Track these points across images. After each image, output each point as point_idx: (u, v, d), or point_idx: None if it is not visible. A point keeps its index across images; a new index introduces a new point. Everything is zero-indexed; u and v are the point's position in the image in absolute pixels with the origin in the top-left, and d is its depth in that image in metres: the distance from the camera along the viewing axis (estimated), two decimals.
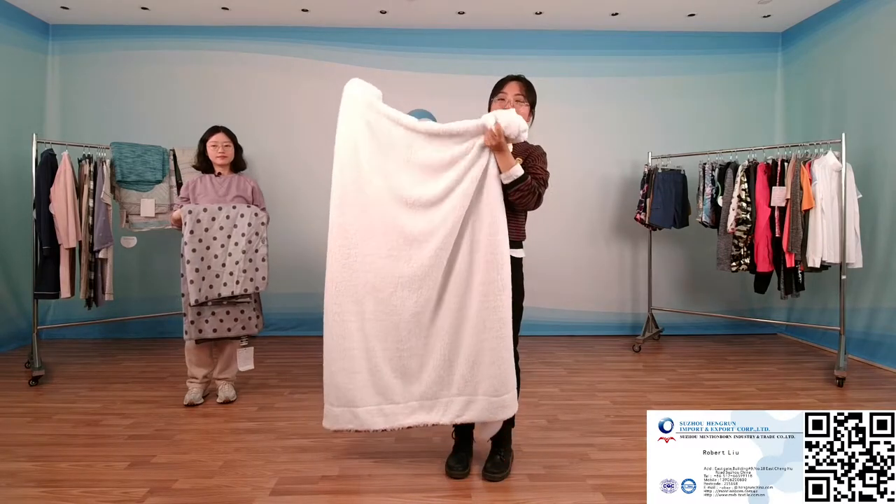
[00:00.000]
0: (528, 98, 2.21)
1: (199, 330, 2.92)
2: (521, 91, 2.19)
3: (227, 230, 2.95)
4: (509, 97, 2.19)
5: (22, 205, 4.21)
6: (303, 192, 4.88)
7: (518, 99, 2.19)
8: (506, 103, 2.18)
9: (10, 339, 4.33)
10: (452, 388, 2.12)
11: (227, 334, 2.98)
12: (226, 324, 2.97)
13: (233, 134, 3.16)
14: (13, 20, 4.43)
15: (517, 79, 2.22)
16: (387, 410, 2.15)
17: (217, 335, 2.96)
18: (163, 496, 2.09)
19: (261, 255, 3.01)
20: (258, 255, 3.00)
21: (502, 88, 2.22)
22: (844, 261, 3.57)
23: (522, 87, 2.20)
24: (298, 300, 4.91)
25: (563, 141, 4.93)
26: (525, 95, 2.20)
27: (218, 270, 2.92)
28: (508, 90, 2.20)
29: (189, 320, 2.92)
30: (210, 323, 2.94)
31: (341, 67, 4.93)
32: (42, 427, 2.77)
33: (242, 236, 2.97)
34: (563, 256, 4.95)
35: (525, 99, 2.20)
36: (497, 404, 2.07)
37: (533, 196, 2.10)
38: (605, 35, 4.99)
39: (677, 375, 3.74)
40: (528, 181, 2.07)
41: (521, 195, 2.08)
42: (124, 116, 4.78)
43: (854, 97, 4.21)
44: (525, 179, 2.07)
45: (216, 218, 2.94)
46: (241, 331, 3.00)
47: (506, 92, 2.20)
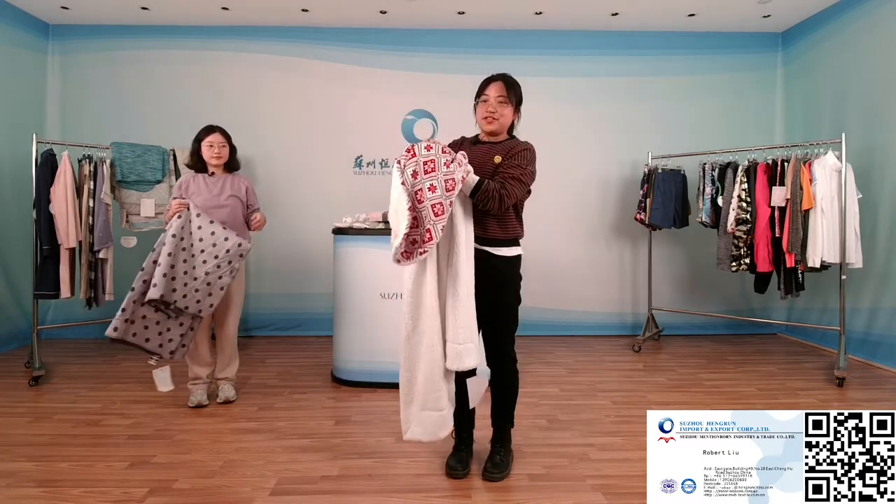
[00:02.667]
0: (511, 98, 2.18)
1: (134, 333, 2.76)
2: (503, 91, 2.17)
3: (206, 249, 2.86)
4: (491, 99, 2.17)
5: (22, 205, 4.21)
6: (302, 192, 4.89)
7: (500, 100, 2.17)
8: (488, 104, 2.17)
9: (10, 339, 4.33)
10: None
11: (144, 344, 2.79)
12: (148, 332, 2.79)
13: (228, 134, 3.14)
14: (13, 20, 4.43)
15: (499, 78, 2.20)
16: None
17: (135, 341, 2.77)
18: (163, 496, 2.09)
19: (220, 285, 2.89)
20: (218, 283, 2.88)
21: (485, 90, 2.20)
22: (844, 261, 3.57)
23: (504, 87, 2.18)
24: (298, 300, 4.91)
25: (564, 141, 4.93)
26: (507, 96, 2.17)
27: (185, 280, 2.79)
28: (490, 91, 2.18)
29: (125, 317, 2.72)
30: (136, 324, 2.76)
31: (341, 67, 4.94)
32: (42, 427, 2.77)
33: (215, 259, 2.87)
34: (563, 256, 4.95)
35: (507, 99, 2.17)
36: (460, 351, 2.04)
37: (494, 201, 2.06)
38: (605, 35, 4.99)
39: (677, 375, 3.74)
40: (485, 188, 2.05)
41: (481, 203, 2.07)
42: (124, 116, 4.78)
43: (854, 97, 4.21)
44: (481, 187, 2.04)
45: (203, 238, 2.85)
46: (156, 347, 2.81)
47: (488, 93, 2.18)
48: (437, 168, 2.00)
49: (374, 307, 3.38)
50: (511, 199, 2.10)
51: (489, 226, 2.15)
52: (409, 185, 2.00)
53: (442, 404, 2.09)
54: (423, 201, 1.98)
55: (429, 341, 2.05)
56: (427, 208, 1.97)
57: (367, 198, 4.62)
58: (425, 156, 2.01)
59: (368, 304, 3.39)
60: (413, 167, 2.01)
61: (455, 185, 1.98)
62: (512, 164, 2.13)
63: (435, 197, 1.97)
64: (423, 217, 1.98)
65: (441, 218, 1.96)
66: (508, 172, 2.11)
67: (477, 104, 2.24)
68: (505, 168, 2.12)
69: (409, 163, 2.01)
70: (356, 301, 3.43)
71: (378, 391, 3.32)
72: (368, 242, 3.41)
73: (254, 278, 4.84)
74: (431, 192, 1.97)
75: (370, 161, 4.94)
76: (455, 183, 1.99)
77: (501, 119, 2.18)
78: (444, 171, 2.00)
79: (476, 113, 2.25)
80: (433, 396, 2.07)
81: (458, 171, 2.01)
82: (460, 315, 2.04)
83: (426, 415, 2.09)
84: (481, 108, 2.20)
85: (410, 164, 2.01)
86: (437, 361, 2.05)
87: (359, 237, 3.44)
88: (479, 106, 2.22)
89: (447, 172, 1.99)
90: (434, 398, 2.07)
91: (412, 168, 2.01)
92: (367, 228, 3.46)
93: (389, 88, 4.96)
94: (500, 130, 2.22)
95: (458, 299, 2.04)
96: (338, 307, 3.54)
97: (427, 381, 2.07)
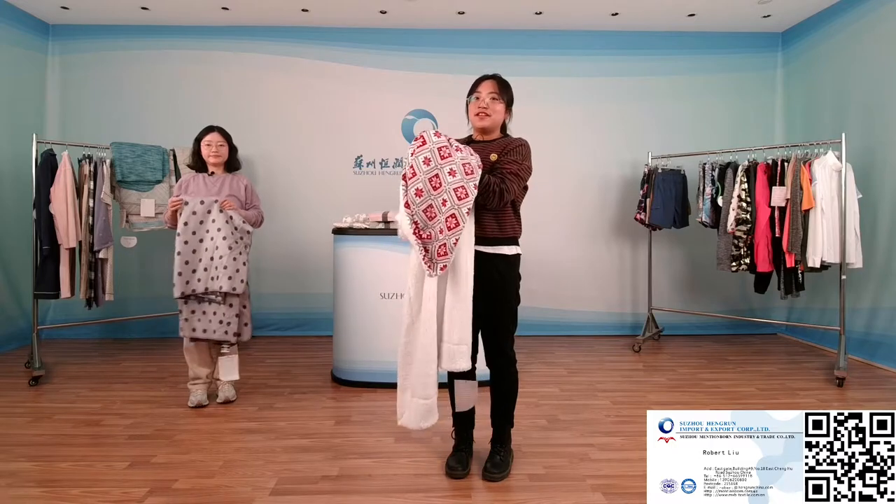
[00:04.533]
0: (503, 96, 2.21)
1: (193, 328, 2.95)
2: (496, 89, 2.19)
3: (219, 224, 2.95)
4: (483, 95, 2.19)
5: (22, 205, 4.21)
6: (302, 192, 4.89)
7: (493, 97, 2.18)
8: (480, 101, 2.18)
9: (10, 339, 4.33)
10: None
11: (212, 336, 2.96)
12: (209, 324, 2.97)
13: (227, 134, 3.16)
14: (13, 20, 4.43)
15: (491, 77, 2.22)
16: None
17: (206, 336, 2.97)
18: (163, 496, 2.09)
19: (242, 259, 3.01)
20: (241, 258, 3.00)
21: (477, 88, 2.22)
22: (844, 261, 3.57)
23: (497, 84, 2.20)
24: (298, 300, 4.91)
25: (564, 141, 4.93)
26: (500, 93, 2.19)
27: (206, 265, 2.93)
28: (483, 89, 2.20)
29: (184, 318, 2.94)
30: (201, 322, 2.96)
31: (341, 67, 4.94)
32: (42, 427, 2.77)
33: (232, 234, 2.98)
34: (563, 256, 4.95)
35: (500, 97, 2.19)
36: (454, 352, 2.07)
37: (494, 195, 2.07)
38: (604, 35, 4.99)
39: (677, 375, 3.74)
40: (486, 182, 2.05)
41: (483, 196, 2.07)
42: (124, 116, 4.78)
43: (854, 97, 4.21)
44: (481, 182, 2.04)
45: (211, 211, 2.95)
46: (223, 336, 2.97)
47: (480, 91, 2.20)
48: (453, 154, 2.01)
49: (374, 307, 3.38)
50: (510, 195, 2.11)
51: (487, 225, 2.15)
52: (423, 172, 2.00)
53: (429, 392, 2.12)
54: (439, 187, 1.98)
55: (425, 335, 2.08)
56: (449, 192, 1.97)
57: (367, 198, 4.62)
58: (437, 142, 2.02)
59: (368, 304, 3.39)
60: (425, 154, 2.01)
61: (474, 170, 2.00)
62: (508, 159, 2.14)
63: (455, 181, 1.98)
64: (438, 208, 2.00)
65: (465, 201, 1.97)
66: (506, 168, 2.12)
67: (469, 102, 2.25)
68: (502, 164, 2.13)
69: (421, 150, 2.02)
70: (356, 301, 3.43)
71: (378, 391, 3.32)
72: (368, 242, 3.41)
73: (254, 278, 4.82)
74: (451, 177, 1.98)
75: (370, 161, 4.94)
76: (473, 168, 2.00)
77: (493, 115, 2.19)
78: (461, 155, 2.01)
79: (468, 111, 2.26)
80: (422, 384, 2.11)
81: (472, 158, 2.03)
82: (456, 316, 2.05)
83: (415, 402, 2.14)
84: (473, 105, 2.22)
85: (422, 151, 2.02)
86: (431, 355, 2.08)
87: (359, 237, 3.44)
88: (472, 103, 2.23)
89: (463, 157, 2.01)
90: (422, 385, 2.11)
91: (424, 155, 2.01)
92: (367, 228, 3.46)
93: (389, 88, 4.96)
94: (492, 127, 2.22)
95: (458, 299, 2.05)
96: (338, 307, 3.54)
97: (420, 372, 2.11)
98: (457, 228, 1.99)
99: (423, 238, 2.04)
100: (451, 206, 1.98)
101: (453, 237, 2.00)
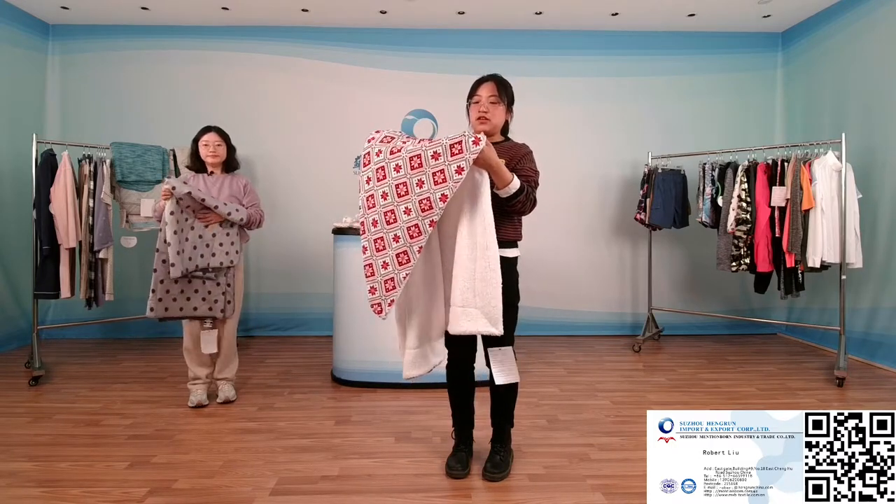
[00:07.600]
0: (503, 97, 2.19)
1: (166, 308, 2.87)
2: (495, 91, 2.18)
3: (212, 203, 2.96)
4: (483, 99, 2.18)
5: (22, 205, 4.21)
6: (302, 192, 4.88)
7: (492, 100, 2.17)
8: (480, 105, 2.17)
9: (10, 339, 4.33)
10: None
11: (193, 313, 2.94)
12: (192, 302, 2.94)
13: (225, 133, 3.15)
14: (13, 20, 4.43)
15: (491, 79, 2.21)
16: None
17: (183, 314, 2.92)
18: (163, 496, 2.09)
19: (235, 231, 3.03)
20: (233, 231, 3.02)
21: (476, 90, 2.20)
22: (844, 261, 3.57)
23: (496, 86, 2.18)
24: (298, 300, 4.91)
25: (563, 141, 4.93)
26: (499, 95, 2.18)
27: (206, 241, 2.94)
28: (482, 91, 2.18)
29: (157, 297, 2.84)
30: (178, 301, 2.91)
31: (341, 67, 4.94)
32: (42, 427, 2.77)
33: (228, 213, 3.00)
34: (562, 256, 4.95)
35: (499, 99, 2.18)
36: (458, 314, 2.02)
37: (529, 203, 2.10)
38: (604, 35, 4.99)
39: (677, 375, 3.74)
40: (525, 192, 2.06)
41: (521, 205, 2.08)
42: (124, 116, 4.78)
43: (854, 97, 4.21)
44: (523, 192, 2.06)
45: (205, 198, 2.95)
46: (207, 311, 2.96)
47: (480, 94, 2.19)
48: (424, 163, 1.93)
49: None
50: (535, 203, 2.16)
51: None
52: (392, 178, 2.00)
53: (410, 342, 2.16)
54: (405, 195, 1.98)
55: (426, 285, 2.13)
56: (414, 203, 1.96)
57: None
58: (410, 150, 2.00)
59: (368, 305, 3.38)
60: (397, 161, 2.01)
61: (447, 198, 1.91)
62: (525, 167, 2.15)
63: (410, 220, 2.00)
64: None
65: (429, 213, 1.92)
66: (529, 176, 2.13)
67: (469, 105, 2.24)
68: (519, 172, 2.12)
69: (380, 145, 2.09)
70: (356, 301, 3.42)
71: (378, 391, 3.33)
72: None
73: (254, 278, 4.84)
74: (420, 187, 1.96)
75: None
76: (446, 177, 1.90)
77: (494, 119, 2.18)
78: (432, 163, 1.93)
79: (469, 115, 2.25)
80: (413, 335, 2.15)
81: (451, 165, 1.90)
82: (459, 276, 2.00)
83: (407, 352, 2.18)
84: (474, 109, 2.21)
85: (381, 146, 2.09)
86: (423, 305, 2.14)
87: (359, 237, 3.42)
88: (472, 107, 2.22)
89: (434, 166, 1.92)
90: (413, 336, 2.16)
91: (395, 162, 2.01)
92: None
93: (389, 88, 4.95)
94: (493, 130, 2.21)
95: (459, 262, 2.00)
96: (338, 307, 3.54)
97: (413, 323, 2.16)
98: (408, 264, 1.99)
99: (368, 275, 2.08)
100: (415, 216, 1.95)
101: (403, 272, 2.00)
